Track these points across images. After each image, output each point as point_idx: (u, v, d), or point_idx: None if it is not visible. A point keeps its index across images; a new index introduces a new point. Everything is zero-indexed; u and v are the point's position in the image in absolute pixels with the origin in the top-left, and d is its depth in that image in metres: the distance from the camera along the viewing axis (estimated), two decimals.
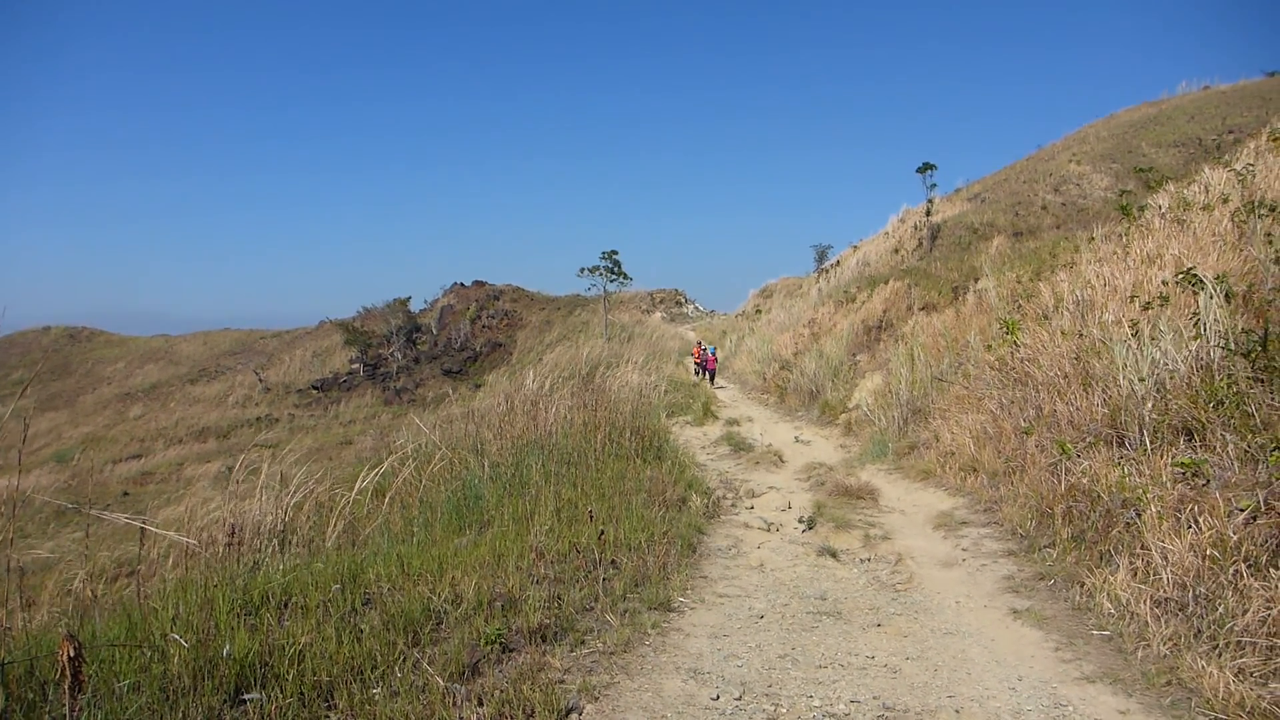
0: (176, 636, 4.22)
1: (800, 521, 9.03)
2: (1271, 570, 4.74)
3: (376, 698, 4.17)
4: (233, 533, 6.83)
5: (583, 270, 46.93)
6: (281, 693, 4.05)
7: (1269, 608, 4.52)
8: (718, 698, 4.68)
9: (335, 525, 7.49)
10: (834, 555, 7.79)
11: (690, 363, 30.88)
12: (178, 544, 6.42)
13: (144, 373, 63.72)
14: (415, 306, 61.34)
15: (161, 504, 24.25)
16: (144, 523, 5.58)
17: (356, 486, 8.03)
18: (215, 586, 5.15)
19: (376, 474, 8.31)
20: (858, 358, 19.73)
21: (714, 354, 27.87)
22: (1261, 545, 4.98)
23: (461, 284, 64.96)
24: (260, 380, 54.63)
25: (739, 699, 4.68)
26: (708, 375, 27.35)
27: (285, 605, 5.24)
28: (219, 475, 29.41)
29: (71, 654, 3.02)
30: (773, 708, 4.60)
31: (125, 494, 32.42)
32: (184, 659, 4.13)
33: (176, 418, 49.76)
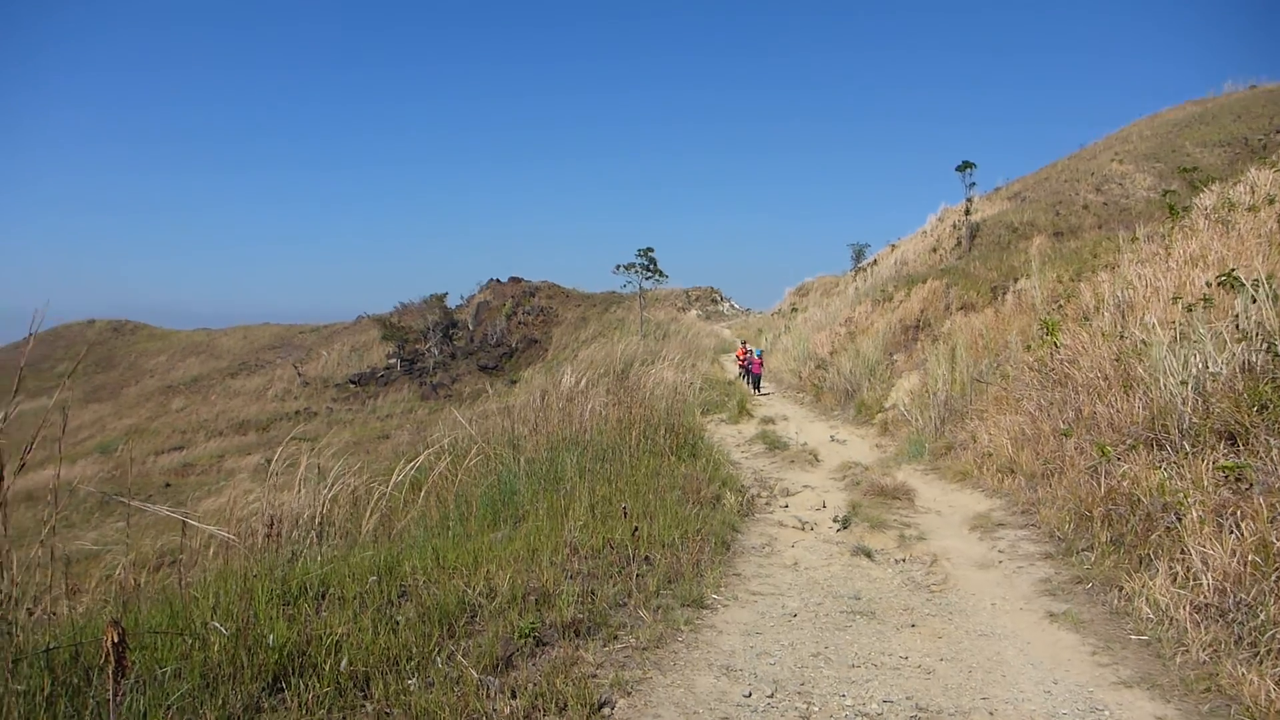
0: (217, 625, 4.30)
1: (835, 521, 9.01)
2: None
3: (412, 689, 4.22)
4: (271, 524, 6.94)
5: (618, 267, 47.14)
6: (319, 682, 4.11)
7: None
8: (750, 695, 4.69)
9: (371, 518, 7.57)
10: (869, 555, 7.76)
11: (729, 363, 30.73)
12: (220, 537, 6.53)
13: (185, 366, 64.70)
14: (452, 303, 61.77)
15: (202, 495, 24.63)
16: (185, 515, 5.67)
17: (393, 480, 8.12)
18: (254, 577, 5.24)
19: (412, 467, 8.40)
20: (895, 357, 19.60)
21: (760, 356, 25.58)
22: None
23: (498, 280, 65.32)
24: (299, 374, 55.24)
25: (771, 696, 4.69)
26: (751, 380, 25.15)
27: (323, 596, 5.32)
28: (258, 467, 29.77)
29: (116, 640, 3.08)
30: (805, 706, 4.60)
31: (167, 485, 32.93)
32: (224, 647, 4.20)
33: (217, 410, 50.45)
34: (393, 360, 54.81)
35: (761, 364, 25.47)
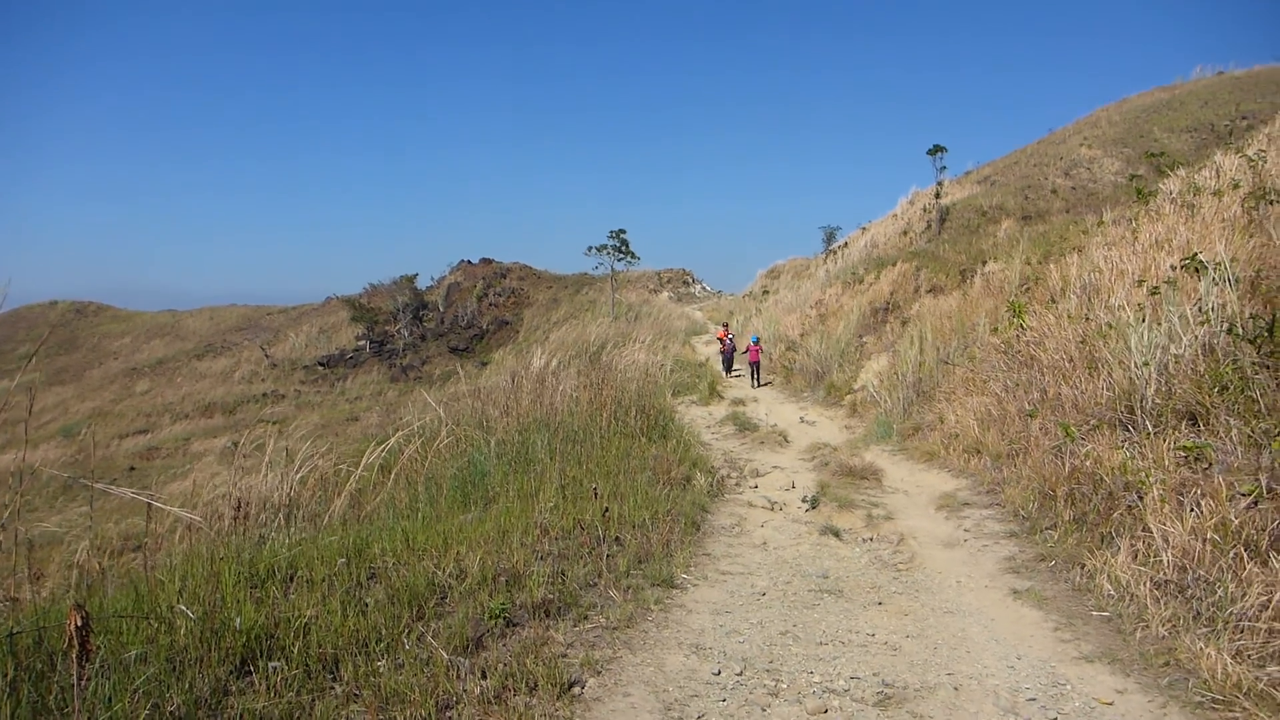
0: (184, 608, 4.27)
1: (804, 501, 9.07)
2: (1272, 555, 4.76)
3: (381, 670, 4.21)
4: (239, 507, 6.89)
5: (590, 249, 46.92)
6: (287, 664, 4.09)
7: (1268, 592, 4.55)
8: (719, 673, 4.73)
9: (340, 500, 7.54)
10: (837, 534, 7.83)
11: (701, 345, 30.65)
12: (186, 520, 6.47)
13: (150, 348, 63.85)
14: (422, 284, 61.29)
15: (168, 479, 24.37)
16: (150, 498, 5.62)
17: (362, 463, 8.08)
18: (221, 560, 5.20)
19: (382, 450, 8.36)
20: (864, 339, 19.72)
21: (757, 342, 22.42)
22: (1262, 530, 5.00)
23: (469, 261, 64.90)
24: (267, 356, 54.68)
25: (740, 674, 4.73)
26: (751, 373, 22.13)
27: (291, 579, 5.29)
28: (225, 451, 29.53)
29: (79, 624, 3.06)
30: (773, 683, 4.64)
31: (132, 469, 32.57)
32: (191, 630, 4.18)
33: (183, 393, 49.84)
34: (362, 342, 54.39)
35: (759, 350, 22.27)
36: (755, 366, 22.06)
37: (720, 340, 25.06)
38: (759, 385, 21.68)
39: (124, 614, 4.28)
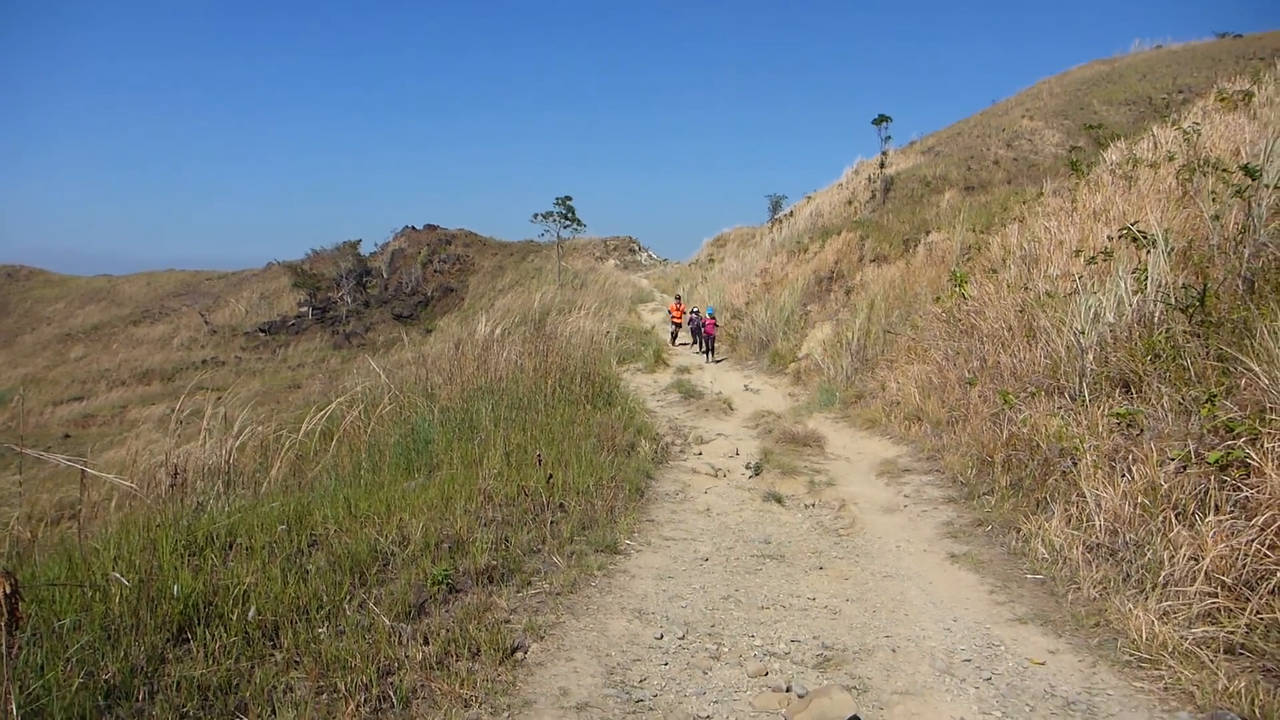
0: (118, 575, 4.18)
1: (747, 468, 9.14)
2: (1199, 518, 4.89)
3: (322, 637, 4.16)
4: (176, 474, 6.75)
5: (536, 216, 46.49)
6: (226, 632, 4.03)
7: (1196, 555, 4.67)
8: (662, 637, 4.75)
9: (280, 467, 7.42)
10: (779, 501, 7.90)
11: (646, 313, 30.53)
12: (121, 487, 6.33)
13: (85, 313, 62.15)
14: (365, 250, 60.33)
15: (104, 447, 23.84)
16: (84, 465, 5.47)
17: (303, 429, 7.96)
18: (158, 527, 5.10)
19: (323, 416, 8.24)
20: (809, 308, 19.86)
21: (712, 314, 21.01)
22: (1190, 494, 5.13)
23: (413, 228, 64.03)
24: (206, 323, 53.58)
25: (682, 638, 4.76)
26: (703, 344, 21.04)
27: (230, 546, 5.20)
28: (163, 418, 28.90)
29: (8, 591, 2.96)
30: (715, 646, 4.68)
31: (66, 436, 31.79)
32: (126, 598, 4.09)
33: (119, 360, 48.68)
34: (304, 308, 53.50)
35: (715, 324, 20.83)
36: (710, 341, 20.68)
37: (672, 314, 24.07)
38: (714, 361, 20.27)
39: (56, 582, 4.18)
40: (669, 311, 24.75)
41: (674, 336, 23.86)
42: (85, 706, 3.33)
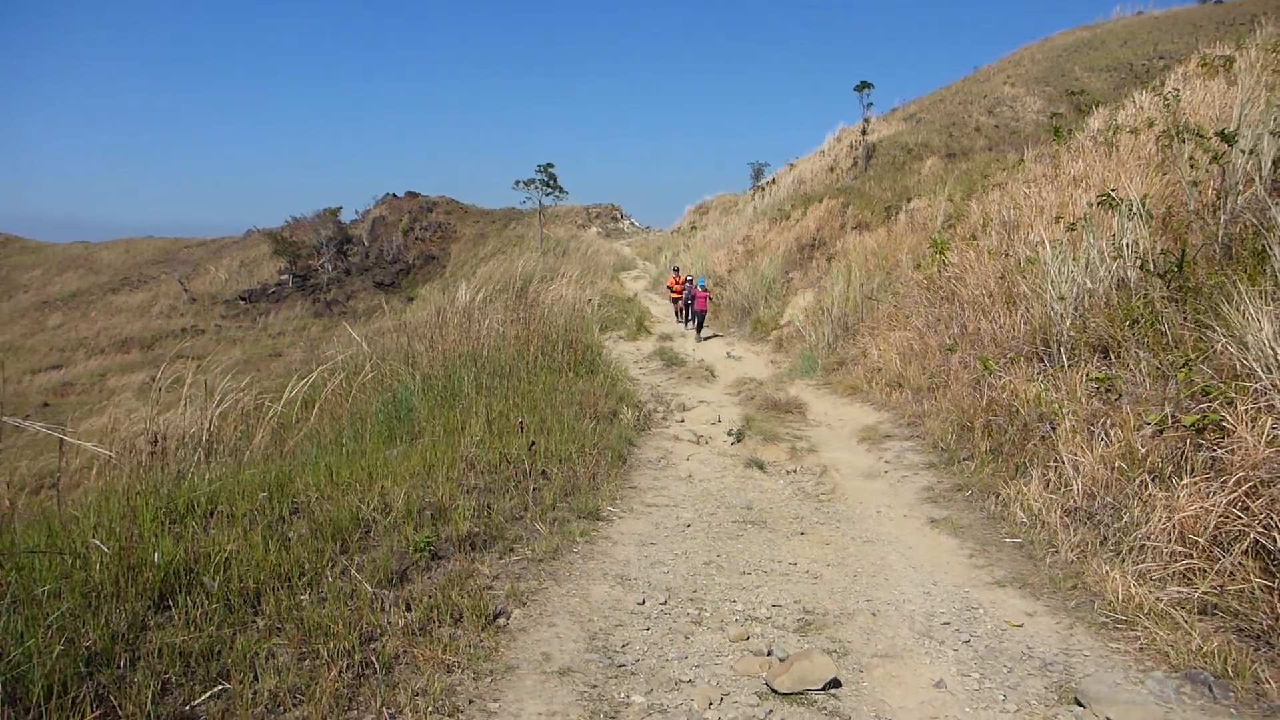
0: (98, 543, 4.15)
1: (729, 434, 9.16)
2: (1174, 480, 4.94)
3: (304, 603, 4.15)
4: (156, 442, 6.70)
5: (518, 183, 46.24)
6: (207, 599, 4.02)
7: (1170, 516, 4.73)
8: (644, 602, 4.78)
9: (262, 435, 7.39)
10: (761, 467, 7.94)
11: (629, 281, 30.38)
12: (101, 456, 6.28)
13: (63, 281, 61.47)
14: (346, 217, 59.89)
15: (83, 415, 23.67)
16: (63, 433, 5.43)
17: (285, 397, 7.92)
18: (139, 495, 5.06)
19: (305, 384, 8.20)
20: (791, 275, 19.87)
21: (704, 287, 18.99)
22: (1166, 457, 5.19)
23: (394, 195, 63.57)
24: (186, 290, 53.17)
25: (664, 604, 4.79)
26: (692, 318, 19.37)
27: (211, 514, 5.17)
28: (143, 386, 28.72)
29: None
30: (697, 612, 4.71)
31: (45, 405, 31.60)
32: (106, 566, 4.07)
33: (98, 328, 48.31)
34: (285, 276, 53.14)
35: (708, 295, 19.01)
36: (701, 316, 18.92)
37: (671, 288, 21.76)
38: (701, 340, 18.44)
39: (36, 550, 4.15)
40: (668, 286, 22.40)
41: (678, 313, 21.43)
42: (66, 673, 3.32)
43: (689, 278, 20.69)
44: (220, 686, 3.48)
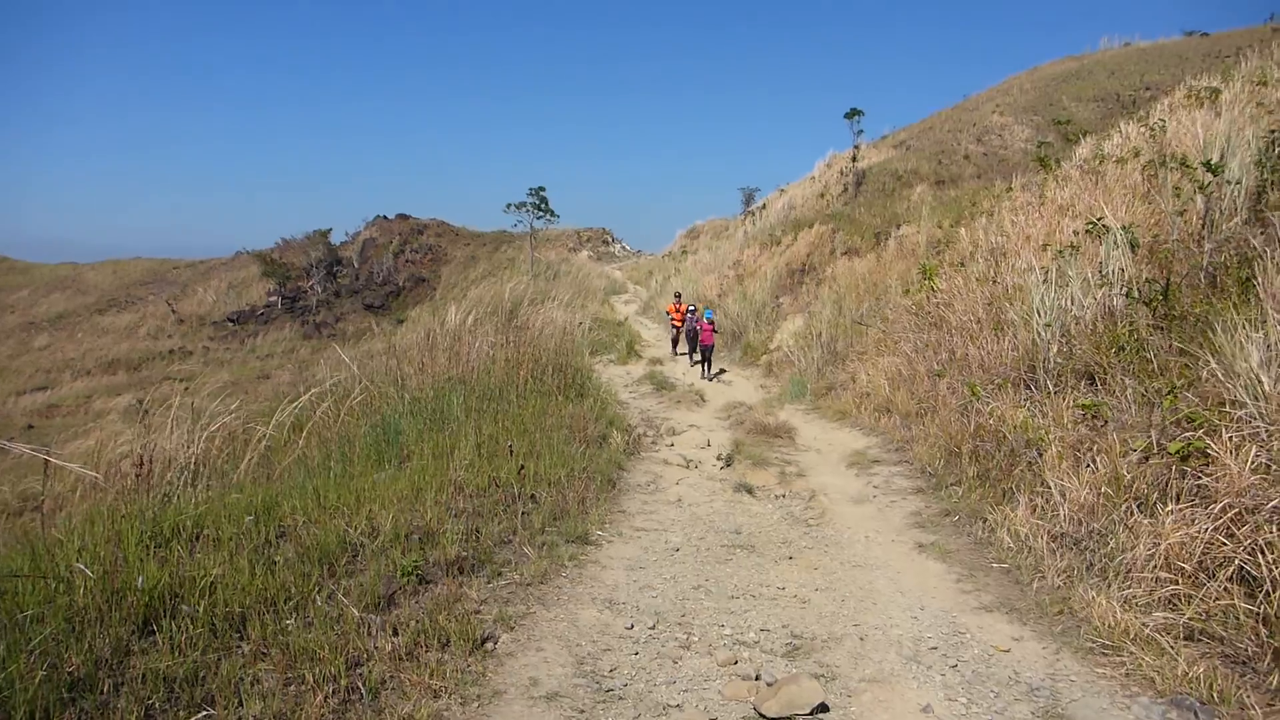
0: (82, 567, 4.13)
1: (719, 459, 9.18)
2: (1160, 507, 4.97)
3: (290, 628, 4.14)
4: (142, 465, 6.67)
5: (509, 206, 46.22)
6: (192, 624, 4.00)
7: (1156, 542, 4.75)
8: (632, 627, 4.78)
9: (250, 458, 7.36)
10: (750, 491, 7.95)
11: (619, 305, 30.33)
12: (86, 479, 6.25)
13: (49, 301, 61.17)
14: (336, 239, 59.73)
15: (69, 437, 23.44)
16: (47, 455, 5.41)
17: (273, 420, 7.90)
18: (124, 519, 5.03)
19: (294, 408, 8.18)
20: (781, 300, 19.93)
21: (711, 319, 16.95)
22: (1152, 484, 5.22)
23: (385, 217, 63.57)
24: (173, 312, 52.95)
25: (653, 628, 4.79)
26: (700, 354, 17.25)
27: (197, 538, 5.14)
28: (130, 408, 28.54)
29: None
30: (685, 636, 4.71)
31: (30, 427, 31.36)
32: (90, 590, 4.04)
33: (84, 349, 48.01)
34: (273, 298, 52.98)
35: (714, 328, 17.02)
36: (708, 352, 16.94)
37: (671, 315, 20.08)
38: (712, 378, 16.52)
39: (19, 574, 4.13)
40: (666, 313, 20.95)
41: (675, 343, 20.14)
42: (49, 699, 3.30)
43: (692, 307, 18.92)
44: (205, 712, 3.46)
